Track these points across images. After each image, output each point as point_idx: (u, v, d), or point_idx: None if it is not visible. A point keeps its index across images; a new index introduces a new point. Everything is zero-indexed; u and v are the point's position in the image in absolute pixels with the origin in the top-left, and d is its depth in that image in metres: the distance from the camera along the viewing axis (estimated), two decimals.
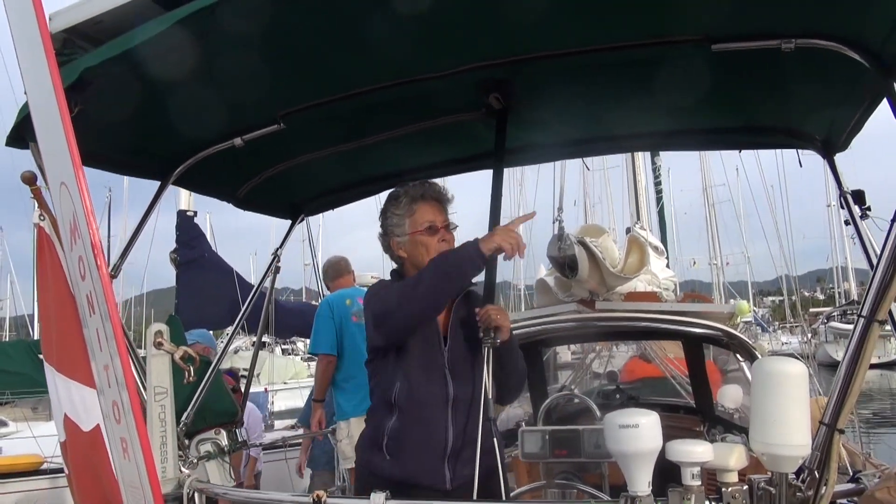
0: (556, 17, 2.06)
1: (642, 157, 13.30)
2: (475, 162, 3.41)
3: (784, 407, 1.77)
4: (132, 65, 1.93)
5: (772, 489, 1.78)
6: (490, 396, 2.21)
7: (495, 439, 2.26)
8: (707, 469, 1.84)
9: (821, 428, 1.80)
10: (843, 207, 2.54)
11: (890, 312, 2.02)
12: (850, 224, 2.52)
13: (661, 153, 14.75)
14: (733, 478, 1.85)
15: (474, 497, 2.14)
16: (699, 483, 1.80)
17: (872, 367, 1.92)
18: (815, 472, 1.78)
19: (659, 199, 15.26)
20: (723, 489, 1.83)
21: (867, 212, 2.47)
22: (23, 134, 2.31)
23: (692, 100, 2.67)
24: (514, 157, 3.25)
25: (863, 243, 2.44)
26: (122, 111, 2.28)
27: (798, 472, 1.79)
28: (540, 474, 3.25)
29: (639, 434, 1.80)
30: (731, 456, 1.85)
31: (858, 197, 2.50)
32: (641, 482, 1.81)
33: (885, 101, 2.12)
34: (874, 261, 2.20)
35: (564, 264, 3.83)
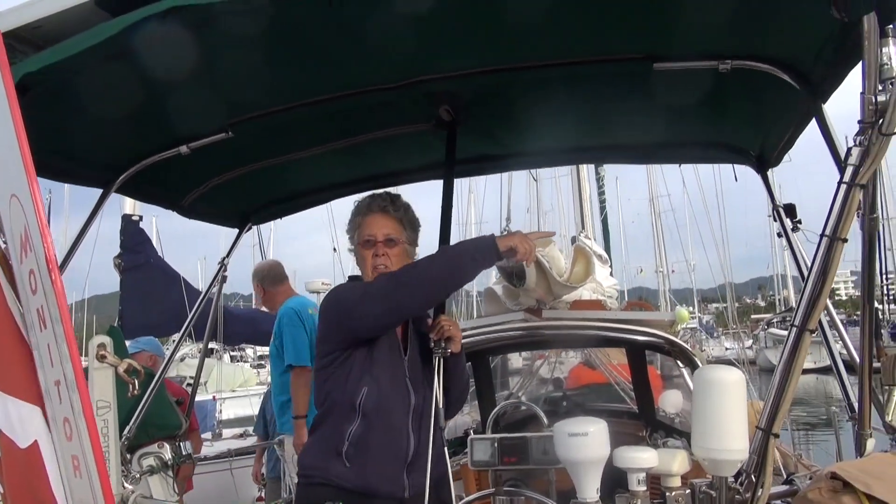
0: (505, 32, 2.12)
1: (587, 168, 13.58)
2: (426, 172, 3.44)
3: (723, 414, 1.86)
4: (74, 71, 1.90)
5: (712, 492, 1.87)
6: (441, 406, 2.23)
7: (445, 448, 2.29)
8: (651, 474, 1.91)
9: (757, 433, 1.89)
10: (775, 220, 2.66)
11: (819, 321, 2.13)
12: (782, 236, 2.64)
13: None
14: (676, 482, 1.93)
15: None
16: (644, 488, 1.87)
17: (809, 371, 2.02)
18: (752, 476, 1.86)
19: (602, 209, 15.60)
20: (666, 493, 1.91)
21: (798, 224, 2.60)
22: None
23: (634, 115, 2.77)
24: (463, 167, 3.29)
25: (794, 254, 2.56)
26: (63, 118, 2.23)
27: (736, 476, 1.87)
28: (489, 482, 3.29)
29: (587, 442, 1.87)
30: (674, 461, 1.93)
31: (790, 210, 2.63)
32: (590, 489, 1.88)
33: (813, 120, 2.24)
34: (804, 272, 2.32)
35: (513, 274, 3.89)
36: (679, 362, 4.57)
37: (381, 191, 2.58)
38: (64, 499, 2.18)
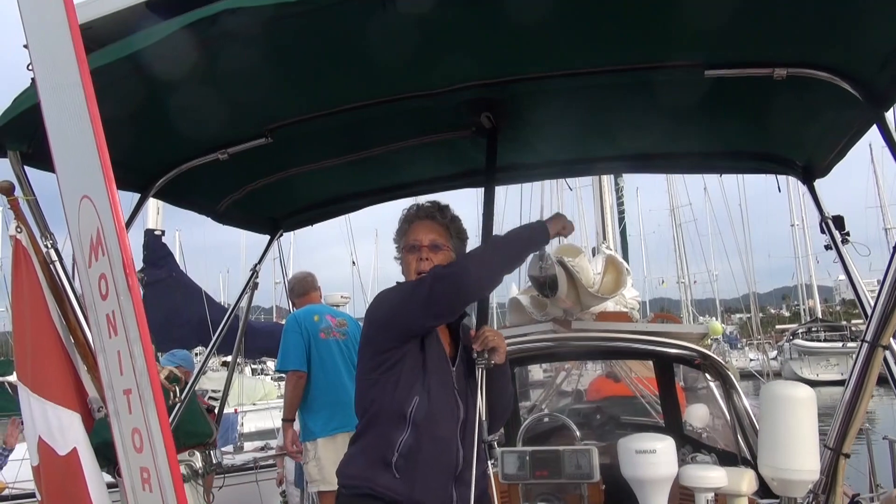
0: (552, 39, 2.09)
1: (608, 179, 13.50)
2: (461, 180, 3.43)
3: (794, 432, 1.81)
4: (119, 76, 1.90)
5: None
6: (484, 419, 2.17)
7: (489, 462, 2.22)
8: (719, 494, 1.85)
9: (826, 452, 1.83)
10: (823, 232, 2.59)
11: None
12: (830, 249, 2.57)
13: (624, 175, 15.03)
14: (743, 503, 1.87)
15: None
16: None
17: (835, 384, 1.96)
18: (821, 496, 1.80)
19: (621, 220, 15.50)
20: None
21: (847, 237, 2.53)
22: (3, 141, 2.25)
23: (678, 124, 2.72)
24: (501, 175, 3.23)
25: (844, 267, 2.48)
26: (106, 122, 2.25)
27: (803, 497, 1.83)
28: (519, 496, 3.24)
29: (656, 460, 1.81)
30: (743, 481, 1.88)
31: (838, 222, 2.56)
32: None
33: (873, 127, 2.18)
34: (857, 284, 2.26)
35: (545, 283, 3.86)
36: (708, 375, 4.50)
37: (428, 201, 2.52)
38: None
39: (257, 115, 2.50)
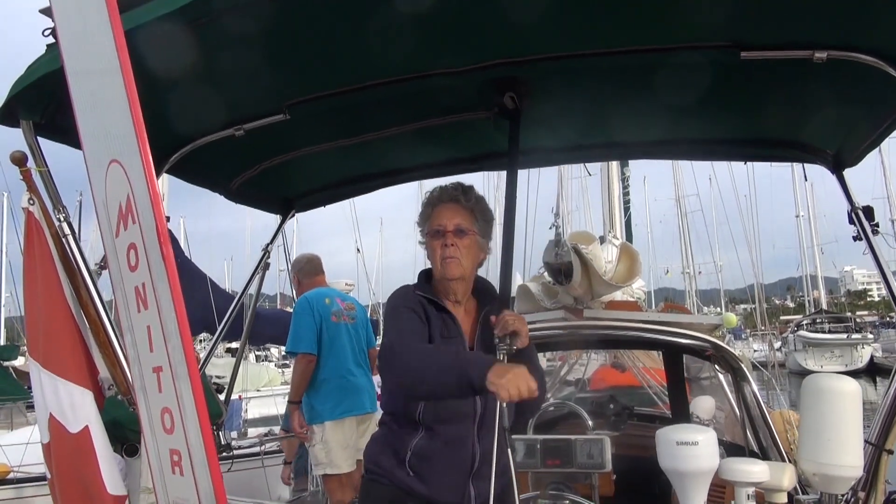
0: (580, 16, 2.02)
1: (615, 167, 13.42)
2: (479, 163, 3.37)
3: (838, 426, 1.75)
4: (131, 47, 1.86)
5: None
6: (504, 406, 2.07)
7: (509, 451, 2.11)
8: (758, 489, 1.81)
9: (867, 447, 1.78)
10: (852, 223, 2.52)
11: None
12: (860, 240, 2.51)
13: (629, 163, 14.95)
14: (783, 498, 1.82)
15: None
16: (754, 503, 1.76)
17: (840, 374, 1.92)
18: (860, 494, 1.77)
19: (626, 209, 15.44)
20: None
21: (876, 228, 2.47)
22: (15, 111, 2.20)
23: (708, 108, 2.64)
24: (522, 158, 3.09)
25: (875, 258, 2.42)
26: None
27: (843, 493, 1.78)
28: (529, 484, 3.21)
29: (698, 452, 1.75)
30: (784, 476, 1.82)
31: (868, 213, 2.50)
32: (697, 501, 1.76)
33: None
34: (888, 276, 2.20)
35: (560, 270, 3.81)
36: (718, 367, 4.46)
37: (452, 182, 2.43)
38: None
39: (276, 90, 2.44)
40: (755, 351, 21.89)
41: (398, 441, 2.21)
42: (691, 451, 1.76)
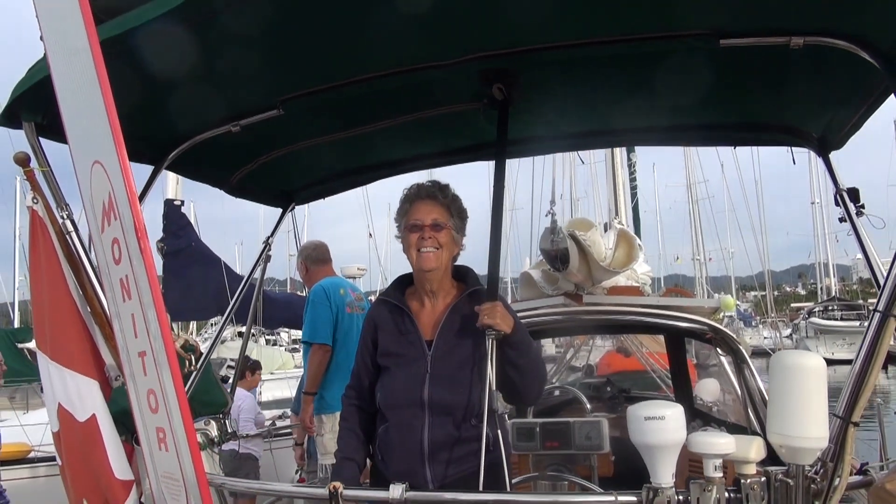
0: (564, 7, 2.06)
1: (621, 154, 13.38)
2: (471, 153, 3.41)
3: (803, 400, 1.79)
4: (130, 47, 1.91)
5: (789, 480, 1.81)
6: (493, 390, 2.15)
7: (489, 434, 2.15)
8: (727, 460, 1.86)
9: (835, 420, 1.83)
10: (837, 205, 2.55)
11: None
12: (845, 221, 2.54)
13: (636, 149, 14.88)
14: (751, 469, 1.87)
15: (480, 488, 2.10)
16: (721, 475, 1.82)
17: (850, 363, 1.97)
18: (829, 465, 1.81)
19: (633, 195, 15.39)
20: (741, 481, 1.84)
21: (861, 209, 2.50)
22: (18, 112, 2.27)
23: (692, 95, 2.68)
24: (512, 148, 3.20)
25: (859, 240, 2.46)
26: (118, 94, 2.27)
27: (812, 464, 1.82)
28: (529, 466, 3.29)
29: (664, 426, 1.81)
30: (751, 448, 1.87)
31: (853, 195, 2.53)
32: (665, 474, 1.82)
33: (888, 99, 2.15)
34: (871, 257, 2.24)
35: (557, 257, 3.85)
36: (719, 350, 4.50)
37: (428, 180, 2.56)
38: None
39: (269, 86, 2.50)
40: (765, 338, 21.84)
41: (375, 430, 2.46)
42: (658, 425, 1.81)
